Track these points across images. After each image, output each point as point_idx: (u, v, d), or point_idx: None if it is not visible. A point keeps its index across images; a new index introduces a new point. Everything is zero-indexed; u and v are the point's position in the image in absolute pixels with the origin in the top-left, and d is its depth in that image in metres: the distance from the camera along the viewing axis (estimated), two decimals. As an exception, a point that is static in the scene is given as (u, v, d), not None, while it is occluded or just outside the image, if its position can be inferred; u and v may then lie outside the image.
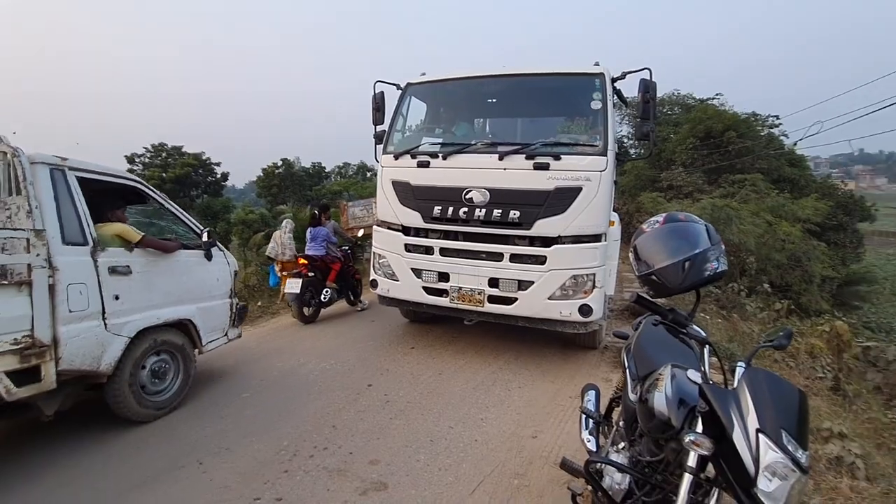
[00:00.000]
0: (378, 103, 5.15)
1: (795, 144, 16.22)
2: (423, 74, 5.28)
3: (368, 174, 47.79)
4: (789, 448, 1.22)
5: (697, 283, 1.69)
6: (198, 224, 3.99)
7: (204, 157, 36.87)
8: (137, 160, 36.57)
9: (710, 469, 1.45)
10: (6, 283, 2.54)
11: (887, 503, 2.85)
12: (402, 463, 2.86)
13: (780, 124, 18.96)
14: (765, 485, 1.23)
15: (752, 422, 1.27)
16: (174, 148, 37.54)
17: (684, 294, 1.87)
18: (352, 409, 3.58)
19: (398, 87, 5.25)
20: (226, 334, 4.14)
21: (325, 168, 45.53)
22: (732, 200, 13.31)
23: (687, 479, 1.36)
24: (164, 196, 3.85)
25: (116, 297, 3.13)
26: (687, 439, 1.33)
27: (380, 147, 5.07)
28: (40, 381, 2.67)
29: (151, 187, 3.75)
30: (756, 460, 1.23)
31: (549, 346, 5.13)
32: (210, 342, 3.93)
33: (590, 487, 2.07)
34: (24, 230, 2.68)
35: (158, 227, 4.30)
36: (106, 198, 3.39)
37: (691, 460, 1.36)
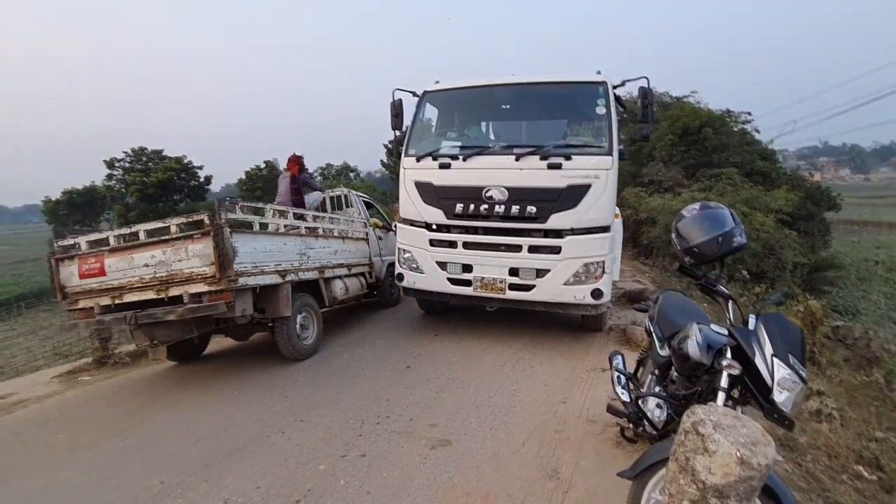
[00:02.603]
0: (397, 109, 5.56)
1: (772, 142, 17.19)
2: (438, 83, 5.71)
3: (351, 175, 47.59)
4: (795, 367, 1.72)
5: (727, 252, 2.17)
6: (388, 218, 7.95)
7: (186, 161, 36.43)
8: (117, 165, 35.93)
9: (734, 393, 1.95)
10: (363, 239, 6.53)
11: (859, 441, 3.44)
12: (457, 425, 3.31)
13: (752, 120, 19.95)
14: (777, 395, 1.73)
15: (769, 350, 1.77)
16: (154, 152, 37.01)
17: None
18: (399, 386, 4.02)
19: (414, 94, 5.66)
20: None
21: (307, 169, 45.33)
22: (710, 194, 14.09)
23: (721, 395, 1.85)
24: (378, 206, 8.08)
25: (381, 249, 7.06)
26: (724, 363, 1.83)
27: (391, 149, 5.54)
28: (373, 280, 6.62)
29: (373, 201, 7.96)
30: (772, 376, 1.73)
31: (560, 330, 5.63)
32: None
33: (631, 426, 2.57)
34: (364, 219, 6.83)
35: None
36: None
37: (724, 381, 1.85)
